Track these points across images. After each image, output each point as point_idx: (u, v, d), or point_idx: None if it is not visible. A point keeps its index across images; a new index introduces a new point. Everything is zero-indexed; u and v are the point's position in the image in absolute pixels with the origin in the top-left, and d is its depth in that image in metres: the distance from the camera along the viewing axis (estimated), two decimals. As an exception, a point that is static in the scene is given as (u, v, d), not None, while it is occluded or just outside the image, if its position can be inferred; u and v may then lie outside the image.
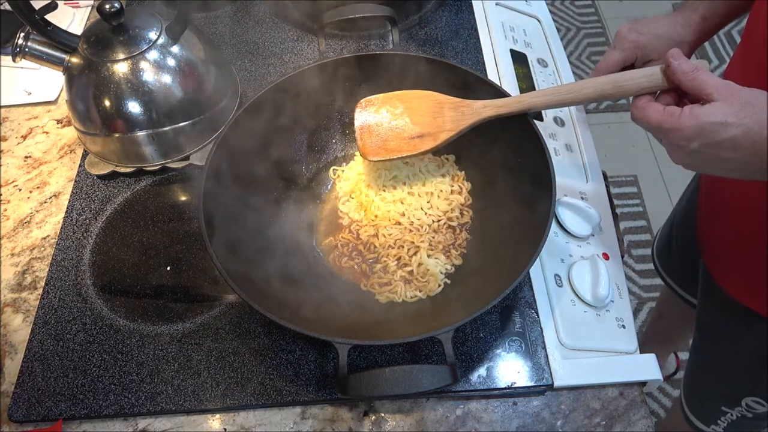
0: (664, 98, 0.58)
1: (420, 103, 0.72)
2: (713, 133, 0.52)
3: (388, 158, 0.71)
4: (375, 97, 0.73)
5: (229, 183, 0.69)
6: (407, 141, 0.71)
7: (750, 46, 0.71)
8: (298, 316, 0.61)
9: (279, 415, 0.65)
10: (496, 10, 1.02)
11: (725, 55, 2.31)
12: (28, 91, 0.95)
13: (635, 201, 1.97)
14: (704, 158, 0.54)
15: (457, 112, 0.70)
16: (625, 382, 0.66)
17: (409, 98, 0.72)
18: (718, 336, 0.91)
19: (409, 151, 0.71)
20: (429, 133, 0.70)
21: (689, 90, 0.55)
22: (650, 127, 0.57)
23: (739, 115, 0.51)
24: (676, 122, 0.53)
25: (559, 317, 0.69)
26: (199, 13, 1.06)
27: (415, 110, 0.71)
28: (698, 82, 0.54)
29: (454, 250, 0.74)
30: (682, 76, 0.55)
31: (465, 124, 0.69)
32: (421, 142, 0.70)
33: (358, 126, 0.72)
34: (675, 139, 0.54)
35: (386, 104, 0.73)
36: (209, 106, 0.82)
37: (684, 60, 0.56)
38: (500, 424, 0.64)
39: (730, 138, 0.51)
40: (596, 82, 0.62)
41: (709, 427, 0.98)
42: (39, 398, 0.66)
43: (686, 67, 0.55)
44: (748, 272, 0.79)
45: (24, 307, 0.74)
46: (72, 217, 0.81)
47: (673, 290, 1.16)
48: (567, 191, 0.79)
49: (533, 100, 0.66)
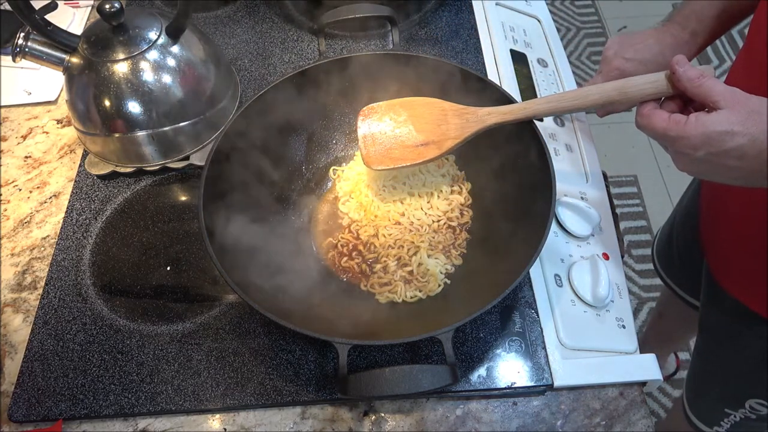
0: (669, 105, 0.58)
1: (424, 110, 0.71)
2: (719, 142, 0.51)
3: (393, 167, 0.71)
4: (378, 105, 0.72)
5: (229, 183, 0.69)
6: (411, 149, 0.70)
7: (752, 51, 0.70)
8: (298, 316, 0.61)
9: (279, 415, 0.65)
10: (496, 10, 1.02)
11: (725, 55, 2.31)
12: (28, 91, 0.95)
13: (635, 201, 1.97)
14: (710, 166, 0.54)
15: (462, 119, 0.69)
16: (625, 382, 0.66)
17: (413, 105, 0.71)
18: (721, 338, 0.90)
19: (414, 159, 0.70)
20: (433, 141, 0.69)
21: (695, 97, 0.55)
22: (655, 134, 0.56)
23: (745, 123, 0.50)
24: (682, 130, 0.53)
25: (559, 317, 0.69)
26: (199, 13, 1.06)
27: (419, 118, 0.71)
28: (704, 89, 0.53)
29: (454, 250, 0.74)
30: (687, 83, 0.54)
31: (469, 131, 0.68)
32: (426, 151, 0.70)
33: (361, 134, 0.72)
34: (681, 147, 0.54)
35: (389, 112, 0.72)
36: (209, 106, 0.82)
37: (689, 66, 0.55)
38: (500, 424, 0.64)
39: (736, 147, 0.51)
40: (602, 89, 0.62)
41: (711, 429, 0.98)
42: (39, 398, 0.66)
43: (691, 74, 0.54)
44: (750, 275, 0.78)
45: (24, 307, 0.74)
46: (72, 217, 0.81)
47: (674, 291, 1.16)
48: (567, 191, 0.79)
49: (538, 107, 0.66)
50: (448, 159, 0.81)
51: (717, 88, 0.53)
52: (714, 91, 0.52)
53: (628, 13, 2.51)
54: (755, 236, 0.74)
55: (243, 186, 0.72)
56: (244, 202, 0.71)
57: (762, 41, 0.67)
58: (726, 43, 2.34)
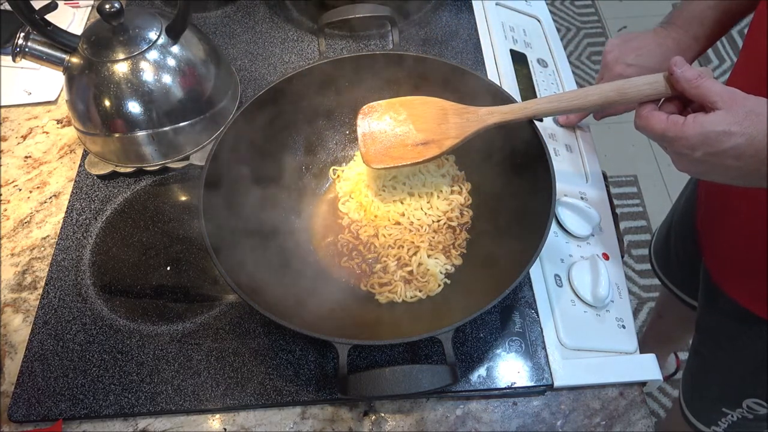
0: (668, 106, 0.58)
1: (424, 109, 0.71)
2: (717, 142, 0.51)
3: (392, 166, 0.70)
4: (378, 104, 0.72)
5: (229, 183, 0.69)
6: (411, 148, 0.70)
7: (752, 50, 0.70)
8: (298, 316, 0.61)
9: (279, 415, 0.65)
10: (496, 10, 1.02)
11: (725, 55, 2.31)
12: (28, 91, 0.95)
13: (635, 201, 1.97)
14: (708, 167, 0.54)
15: (462, 118, 0.69)
16: (625, 382, 0.66)
17: (413, 104, 0.71)
18: (720, 338, 0.90)
19: (414, 158, 0.70)
20: (433, 140, 0.69)
21: (693, 98, 0.55)
22: (654, 136, 0.56)
23: (742, 124, 0.51)
24: (680, 131, 0.53)
25: (559, 317, 0.69)
26: (199, 13, 1.06)
27: (419, 117, 0.71)
28: (702, 90, 0.53)
29: (454, 250, 0.74)
30: (685, 83, 0.55)
31: (470, 131, 0.68)
32: (426, 150, 0.70)
33: (361, 133, 0.72)
34: (679, 148, 0.54)
35: (389, 110, 0.72)
36: (209, 106, 0.82)
37: (687, 67, 0.55)
38: (500, 424, 0.64)
39: (733, 147, 0.51)
40: (601, 89, 0.62)
41: (709, 429, 0.98)
42: (39, 398, 0.66)
43: (690, 75, 0.54)
44: (750, 276, 0.78)
45: (24, 307, 0.74)
46: (72, 217, 0.81)
47: (672, 291, 1.16)
48: (567, 191, 0.79)
49: (539, 107, 0.66)
50: (448, 159, 0.81)
51: (714, 88, 0.53)
52: (712, 91, 0.53)
53: (628, 13, 2.51)
54: (755, 236, 0.73)
55: (243, 186, 0.72)
56: (244, 201, 0.71)
57: (762, 41, 0.67)
58: (726, 43, 2.34)
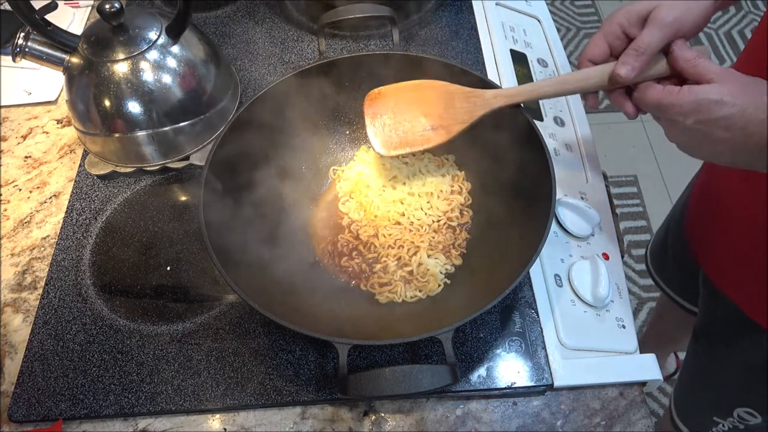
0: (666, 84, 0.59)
1: (431, 93, 0.69)
2: (708, 110, 0.53)
3: (401, 152, 0.70)
4: (385, 88, 0.71)
5: (229, 183, 0.69)
6: (420, 134, 0.69)
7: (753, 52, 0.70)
8: (298, 316, 0.61)
9: (279, 415, 0.65)
10: (496, 10, 1.02)
11: (725, 55, 2.31)
12: (28, 91, 0.95)
13: (635, 201, 1.97)
14: (699, 137, 0.55)
15: (469, 102, 0.68)
16: (625, 382, 0.66)
17: (420, 88, 0.70)
18: (717, 344, 0.89)
19: (422, 144, 0.69)
20: (441, 125, 0.68)
21: (691, 76, 0.57)
22: (649, 103, 0.58)
23: (735, 95, 0.52)
24: (675, 98, 0.55)
25: (559, 317, 0.69)
26: (199, 13, 1.06)
27: (426, 101, 0.69)
28: (700, 68, 0.55)
29: (454, 250, 0.74)
30: (684, 63, 0.57)
31: (477, 114, 0.68)
32: (434, 135, 0.69)
33: (368, 119, 0.70)
34: (672, 115, 0.56)
35: (397, 95, 0.70)
36: (209, 106, 0.82)
37: (687, 47, 0.58)
38: (500, 424, 0.64)
39: (724, 116, 0.52)
40: (602, 71, 0.63)
41: None
42: (39, 398, 0.66)
43: (688, 55, 0.57)
44: (749, 282, 0.78)
45: (24, 307, 0.74)
46: (72, 217, 0.81)
47: (668, 296, 1.15)
48: (567, 191, 0.79)
49: (544, 89, 0.67)
50: (448, 159, 0.81)
51: (712, 67, 0.55)
52: (709, 69, 0.55)
53: (628, 13, 2.51)
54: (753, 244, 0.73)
55: (243, 185, 0.72)
56: (244, 201, 0.71)
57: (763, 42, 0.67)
58: (726, 43, 2.34)
